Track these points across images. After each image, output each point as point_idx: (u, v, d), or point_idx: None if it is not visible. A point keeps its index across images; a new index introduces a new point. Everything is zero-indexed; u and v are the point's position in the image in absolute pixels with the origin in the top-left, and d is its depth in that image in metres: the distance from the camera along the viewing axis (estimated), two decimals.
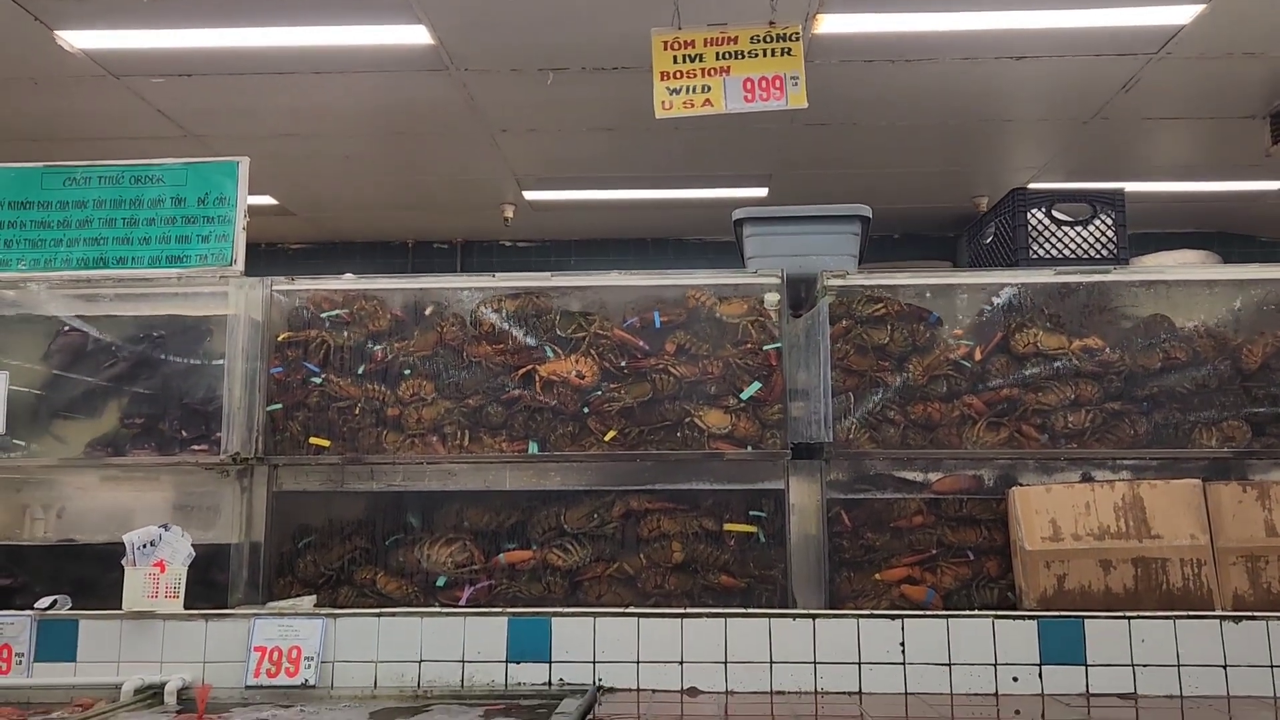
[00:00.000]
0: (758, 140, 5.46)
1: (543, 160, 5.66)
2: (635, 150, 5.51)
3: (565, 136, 5.28)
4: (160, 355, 3.43)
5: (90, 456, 3.43)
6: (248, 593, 3.41)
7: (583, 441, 3.39)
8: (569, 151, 5.51)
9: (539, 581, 3.38)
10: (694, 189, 6.32)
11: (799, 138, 5.43)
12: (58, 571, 3.34)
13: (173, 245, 3.51)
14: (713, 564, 3.34)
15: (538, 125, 5.16)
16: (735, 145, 5.54)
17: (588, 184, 6.21)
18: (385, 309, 3.49)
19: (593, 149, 5.48)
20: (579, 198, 6.48)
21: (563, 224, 7.19)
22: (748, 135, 5.40)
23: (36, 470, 3.45)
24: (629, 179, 6.14)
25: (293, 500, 3.48)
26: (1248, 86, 4.86)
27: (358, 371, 3.45)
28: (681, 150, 5.55)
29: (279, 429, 3.42)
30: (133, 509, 3.55)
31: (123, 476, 3.51)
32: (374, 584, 3.40)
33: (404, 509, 3.48)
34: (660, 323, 3.34)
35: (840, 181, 6.20)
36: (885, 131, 5.38)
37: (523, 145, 5.45)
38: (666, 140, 5.38)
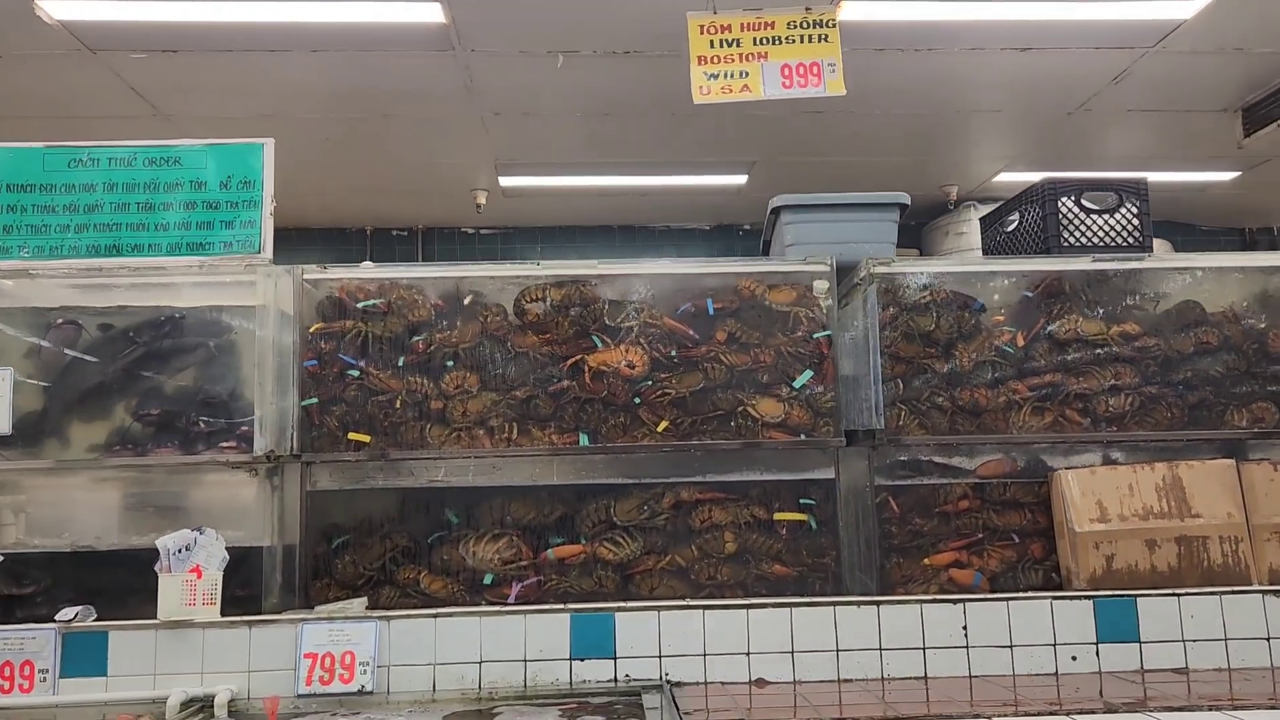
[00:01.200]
0: (748, 126, 5.39)
1: (529, 144, 5.47)
2: (623, 135, 5.37)
3: (557, 120, 5.10)
4: (182, 347, 3.19)
5: (106, 455, 3.18)
6: (283, 597, 3.20)
7: (634, 433, 3.27)
8: (557, 136, 5.34)
9: (590, 576, 3.26)
10: (673, 175, 6.23)
11: (789, 125, 5.38)
12: (77, 581, 3.08)
13: (194, 232, 3.27)
14: (765, 553, 3.27)
15: (533, 109, 4.98)
16: (722, 132, 5.46)
17: (567, 169, 6.03)
18: (425, 298, 3.32)
19: (581, 133, 5.31)
20: (555, 184, 6.30)
21: (531, 211, 6.96)
22: (743, 121, 5.32)
23: (46, 472, 3.18)
24: (610, 164, 5.98)
25: (328, 499, 3.27)
26: (1227, 81, 4.98)
27: (398, 364, 3.26)
28: (668, 135, 5.43)
29: (315, 424, 3.22)
30: (152, 512, 3.30)
31: (140, 477, 3.27)
32: (417, 584, 3.23)
33: (445, 505, 3.30)
34: (714, 309, 3.25)
35: (823, 169, 6.17)
36: (876, 119, 5.35)
37: (512, 129, 5.25)
38: (656, 125, 5.26)
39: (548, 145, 5.46)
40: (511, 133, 5.24)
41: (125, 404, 3.15)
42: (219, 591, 2.95)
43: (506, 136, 5.29)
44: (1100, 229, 3.55)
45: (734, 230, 7.45)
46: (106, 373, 3.08)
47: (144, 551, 3.09)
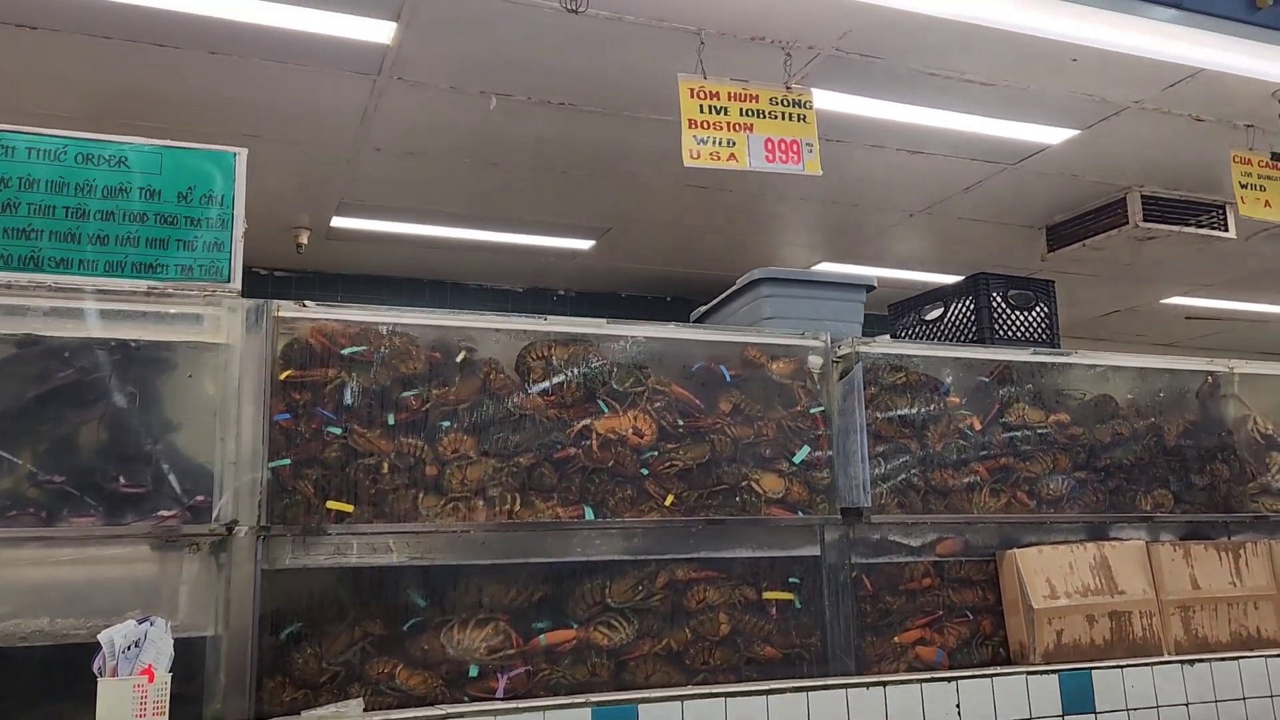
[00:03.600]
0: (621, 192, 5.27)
1: (391, 185, 4.93)
2: (497, 186, 4.98)
3: (437, 164, 4.60)
4: (111, 387, 2.48)
5: (8, 522, 2.37)
6: (230, 700, 2.56)
7: (641, 506, 3.00)
8: (428, 180, 4.80)
9: (583, 664, 2.89)
10: (522, 234, 5.96)
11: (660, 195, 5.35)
12: None
13: (143, 250, 2.58)
14: (756, 634, 3.09)
15: (419, 149, 4.51)
16: (595, 195, 5.29)
17: (418, 216, 5.57)
18: (418, 348, 2.85)
19: (455, 181, 4.79)
20: (392, 230, 5.81)
21: (348, 257, 6.30)
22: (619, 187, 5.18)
23: None
24: (467, 216, 5.57)
25: (285, 579, 2.69)
26: (1048, 201, 5.61)
27: (387, 421, 2.78)
28: (541, 192, 5.20)
29: (286, 490, 2.64)
30: (60, 598, 2.53)
31: (44, 553, 2.48)
32: (392, 679, 2.70)
33: (420, 585, 2.83)
34: (730, 376, 3.08)
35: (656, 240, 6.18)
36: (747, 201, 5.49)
37: (382, 167, 4.73)
38: (537, 180, 4.98)
39: (411, 189, 5.00)
40: (378, 171, 4.76)
41: (30, 452, 2.42)
42: (168, 700, 2.32)
43: (370, 174, 4.79)
44: (1020, 325, 3.84)
45: (549, 294, 7.26)
46: (13, 403, 2.34)
47: (52, 649, 2.38)
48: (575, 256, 6.22)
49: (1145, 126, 4.43)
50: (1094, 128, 4.42)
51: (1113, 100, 4.15)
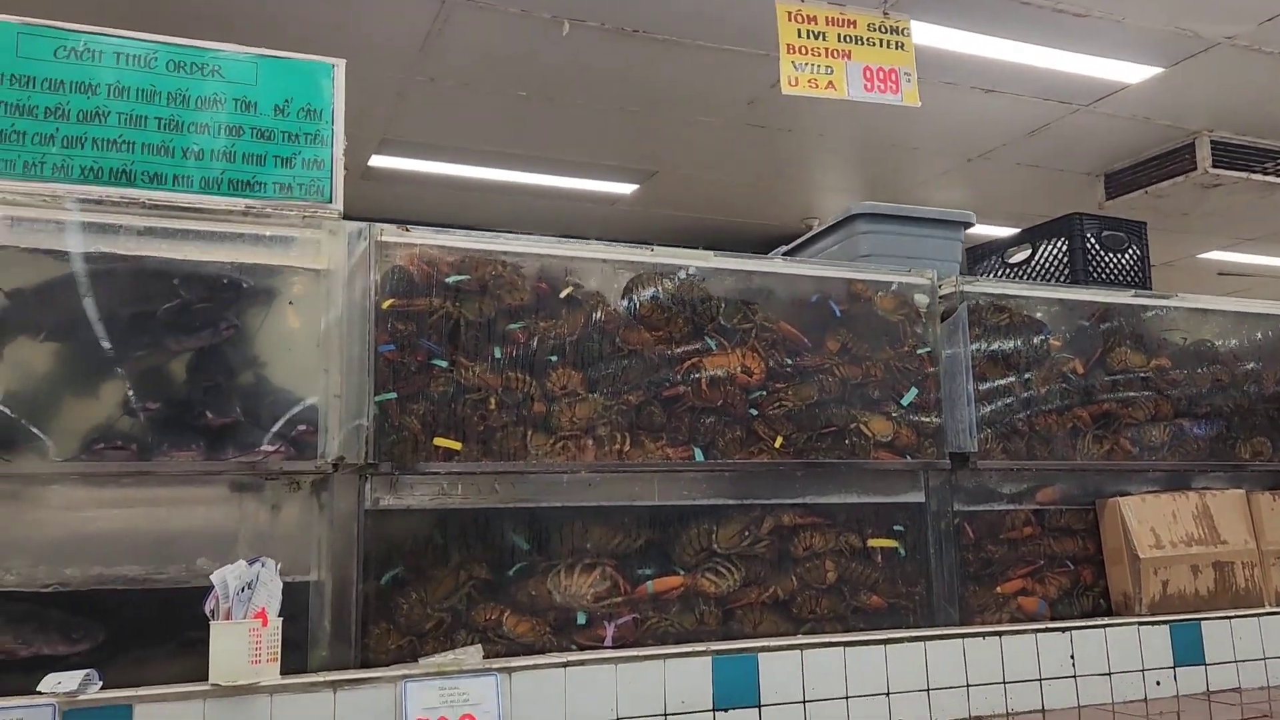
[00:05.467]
0: (667, 131, 5.09)
1: (433, 119, 4.72)
2: (539, 121, 4.83)
3: (482, 96, 4.38)
4: (209, 312, 2.30)
5: (91, 458, 2.22)
6: (335, 649, 2.43)
7: (750, 448, 2.88)
8: (471, 113, 4.61)
9: (690, 612, 2.78)
10: (562, 176, 5.77)
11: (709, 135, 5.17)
12: (69, 630, 2.11)
13: (239, 165, 2.41)
14: (863, 583, 2.99)
15: (471, 79, 4.32)
16: (638, 133, 5.12)
17: (455, 155, 5.36)
18: (523, 278, 2.69)
19: (498, 114, 4.58)
20: (433, 170, 5.60)
21: (389, 201, 6.11)
22: (663, 125, 5.00)
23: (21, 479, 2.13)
24: (505, 155, 5.39)
25: (389, 520, 2.55)
26: (1114, 146, 5.49)
27: (494, 355, 2.62)
28: (580, 128, 5.00)
29: (393, 426, 2.49)
30: (153, 538, 2.38)
31: (137, 492, 2.33)
32: (499, 626, 2.58)
33: (525, 528, 2.69)
34: (840, 312, 2.93)
35: (700, 186, 6.01)
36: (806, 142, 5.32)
37: (426, 99, 4.49)
38: (575, 116, 4.80)
39: (458, 125, 4.81)
40: (427, 104, 4.56)
41: (122, 380, 2.26)
42: (280, 645, 2.19)
43: (418, 108, 4.60)
44: (1113, 267, 3.71)
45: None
46: (104, 328, 2.17)
47: (153, 590, 2.24)
48: (615, 203, 6.04)
49: (1230, 65, 4.28)
50: (1178, 65, 4.27)
51: (1205, 35, 3.99)
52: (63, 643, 1.98)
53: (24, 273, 2.20)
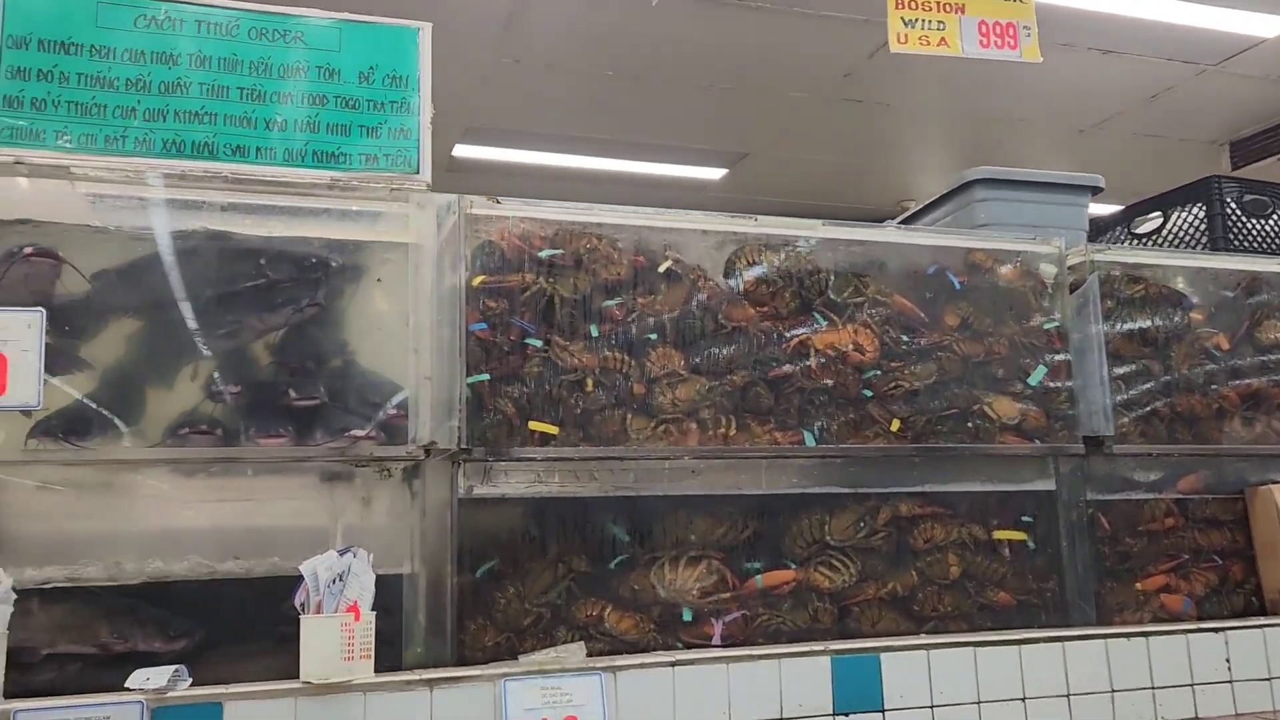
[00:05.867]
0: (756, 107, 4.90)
1: (523, 105, 4.67)
2: (622, 103, 4.68)
3: (568, 77, 4.32)
4: (296, 291, 2.21)
5: (174, 442, 2.15)
6: (430, 645, 2.32)
7: (865, 432, 2.70)
8: (553, 96, 4.54)
9: (803, 609, 2.62)
10: (648, 162, 5.63)
11: (802, 112, 4.97)
12: (165, 627, 2.04)
13: (323, 136, 2.31)
14: (989, 578, 2.78)
15: (556, 60, 4.23)
16: (727, 112, 4.94)
17: (540, 141, 5.29)
18: (619, 251, 2.55)
19: (583, 96, 4.54)
20: (513, 159, 5.51)
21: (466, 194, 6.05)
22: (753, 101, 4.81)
23: (92, 466, 2.08)
24: (585, 141, 5.31)
25: (483, 509, 2.44)
26: (1243, 111, 5.12)
27: (590, 333, 2.49)
28: (667, 109, 4.84)
29: (486, 409, 2.37)
30: (240, 528, 2.31)
31: (224, 480, 2.26)
32: (600, 622, 2.45)
33: (624, 519, 2.56)
34: (959, 284, 2.73)
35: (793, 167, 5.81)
36: (905, 115, 5.08)
37: (510, 82, 4.41)
38: (661, 96, 4.64)
39: (544, 109, 4.71)
40: (512, 88, 4.46)
41: (206, 368, 2.17)
42: (373, 641, 2.08)
43: (503, 92, 4.50)
44: (1256, 233, 3.41)
45: None
46: (188, 309, 2.08)
47: (243, 583, 2.15)
48: (702, 189, 5.88)
49: None
50: None
51: None
52: (158, 639, 1.89)
53: (107, 254, 2.13)
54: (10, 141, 1.96)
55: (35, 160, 1.98)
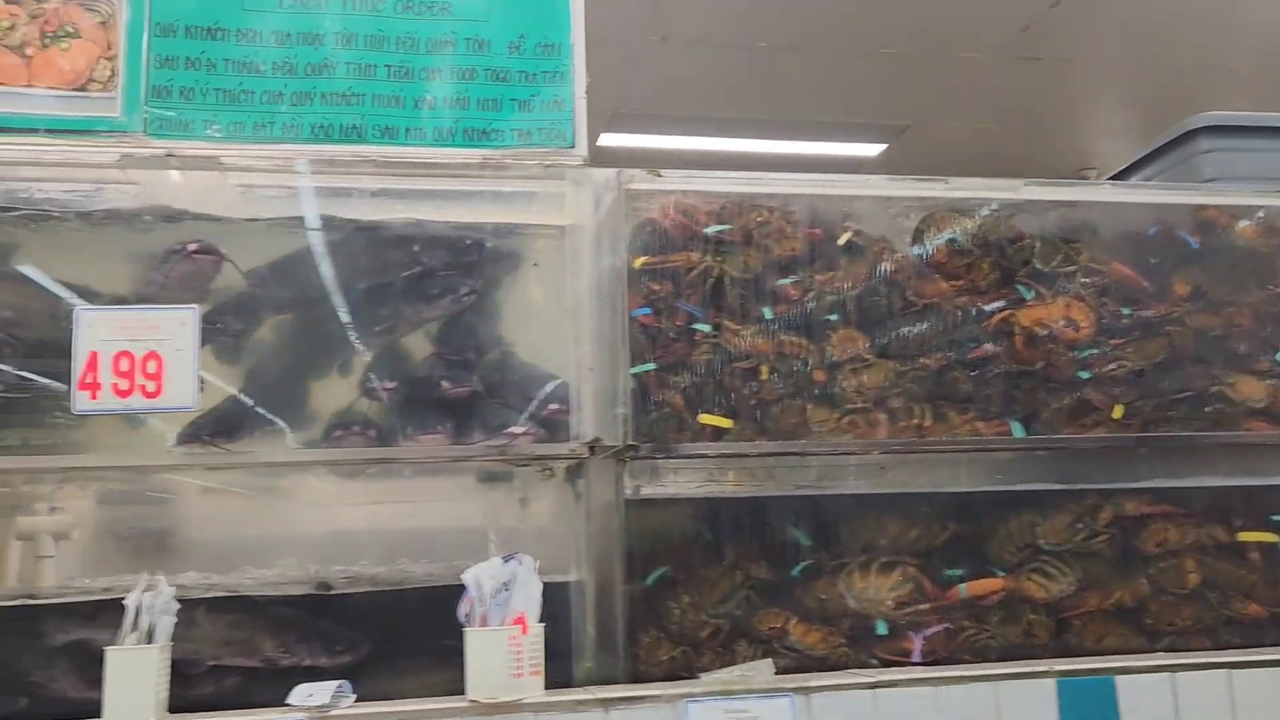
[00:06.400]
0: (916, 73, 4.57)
1: (671, 86, 4.51)
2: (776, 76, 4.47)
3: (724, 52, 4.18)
4: (451, 279, 2.11)
5: (328, 443, 2.08)
6: (601, 661, 2.17)
7: (1083, 420, 2.41)
8: (711, 75, 4.40)
9: (1015, 622, 2.36)
10: (802, 140, 5.38)
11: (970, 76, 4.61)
12: (316, 639, 1.98)
13: (473, 112, 2.20)
14: (1235, 587, 2.44)
15: (707, 35, 4.06)
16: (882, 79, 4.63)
17: (689, 125, 5.11)
18: (794, 224, 2.35)
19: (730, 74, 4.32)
20: (661, 146, 5.37)
21: None
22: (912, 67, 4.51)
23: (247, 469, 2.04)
24: (735, 123, 5.10)
25: (652, 511, 2.28)
26: None
27: (763, 316, 2.30)
28: (824, 81, 4.57)
29: (653, 402, 2.22)
30: (396, 532, 2.23)
31: (380, 481, 2.18)
32: (785, 635, 2.26)
33: (806, 520, 2.36)
34: (1196, 244, 2.40)
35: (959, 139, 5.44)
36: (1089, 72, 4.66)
37: (669, 63, 4.31)
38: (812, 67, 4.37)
39: (693, 90, 4.53)
40: (660, 69, 4.30)
41: (360, 363, 2.07)
42: (543, 656, 1.94)
43: (651, 74, 4.34)
44: None
45: None
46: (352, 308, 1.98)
47: (403, 592, 2.04)
48: (859, 167, 5.57)
49: None
50: None
51: None
52: (323, 654, 1.79)
53: (259, 247, 2.05)
54: (160, 133, 1.89)
55: (186, 152, 1.91)
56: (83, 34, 1.90)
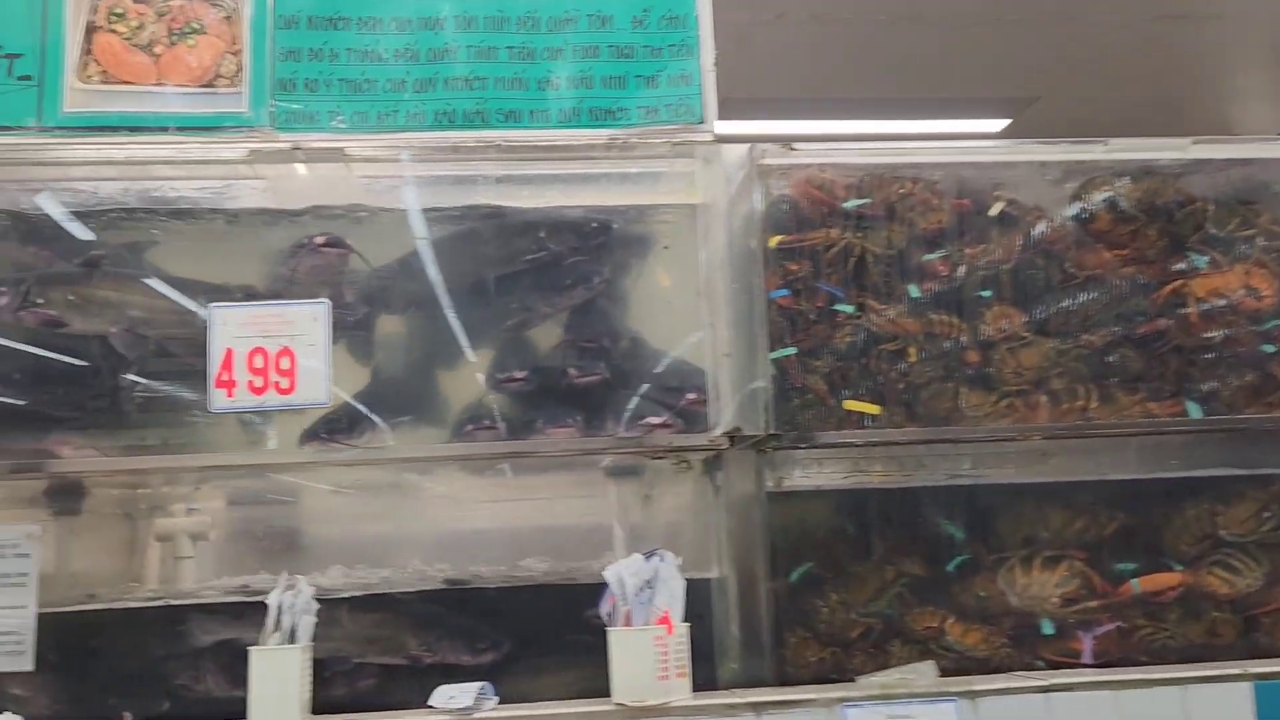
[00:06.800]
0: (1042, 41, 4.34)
1: (784, 67, 4.40)
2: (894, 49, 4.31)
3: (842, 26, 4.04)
4: (580, 266, 2.05)
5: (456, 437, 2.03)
6: (746, 662, 2.08)
7: (1267, 398, 2.22)
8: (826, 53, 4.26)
9: (1195, 619, 2.18)
10: (919, 119, 5.19)
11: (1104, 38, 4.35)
12: (458, 637, 1.95)
13: (598, 91, 2.14)
14: None
15: (825, 9, 3.94)
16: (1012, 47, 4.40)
17: (802, 109, 4.99)
18: (939, 195, 2.22)
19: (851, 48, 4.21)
20: (773, 133, 5.23)
21: None
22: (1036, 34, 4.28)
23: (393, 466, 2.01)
24: (850, 104, 4.96)
25: (794, 504, 2.18)
26: None
27: (909, 294, 2.18)
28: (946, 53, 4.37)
29: (794, 389, 2.12)
30: (528, 529, 2.19)
31: (512, 476, 2.13)
32: (942, 635, 2.13)
33: (960, 512, 2.23)
34: None
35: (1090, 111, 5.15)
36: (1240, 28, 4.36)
37: (783, 41, 4.19)
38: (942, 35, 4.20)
39: (807, 69, 4.39)
40: (773, 49, 4.17)
41: (488, 356, 2.03)
42: (689, 658, 1.86)
43: (764, 55, 4.22)
44: None
45: None
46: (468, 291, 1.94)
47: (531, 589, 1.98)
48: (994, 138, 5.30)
49: None
50: None
51: None
52: (465, 652, 1.75)
53: (386, 241, 2.01)
54: (287, 126, 1.88)
55: (311, 144, 1.88)
56: (208, 30, 1.89)
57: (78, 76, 1.86)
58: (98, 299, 1.89)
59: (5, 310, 1.83)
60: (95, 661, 1.86)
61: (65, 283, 1.87)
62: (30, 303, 1.83)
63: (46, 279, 1.87)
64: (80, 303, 1.84)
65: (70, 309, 1.84)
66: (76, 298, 1.84)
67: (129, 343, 1.88)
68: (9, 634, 1.83)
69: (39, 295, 1.84)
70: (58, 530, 1.92)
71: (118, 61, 1.87)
